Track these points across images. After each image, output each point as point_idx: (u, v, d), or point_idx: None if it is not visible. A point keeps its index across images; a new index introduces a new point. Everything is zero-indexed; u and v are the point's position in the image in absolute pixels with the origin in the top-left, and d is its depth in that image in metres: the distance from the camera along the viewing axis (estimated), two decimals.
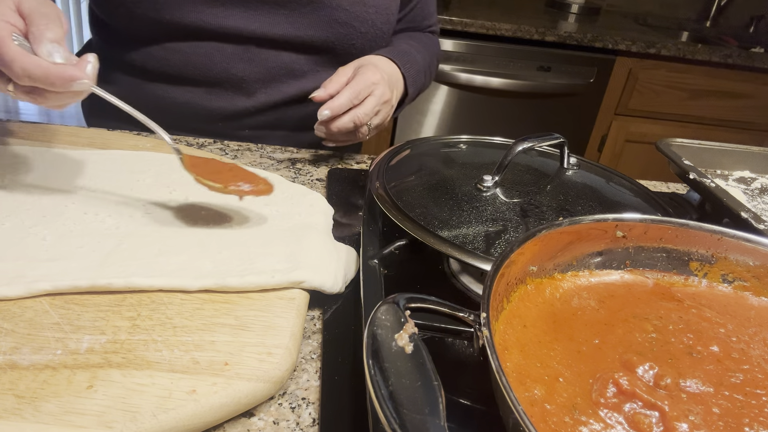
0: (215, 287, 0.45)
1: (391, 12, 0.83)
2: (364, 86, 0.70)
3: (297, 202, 0.59)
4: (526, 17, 2.00)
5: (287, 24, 0.77)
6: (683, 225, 0.44)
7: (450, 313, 0.35)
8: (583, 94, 1.96)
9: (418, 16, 0.95)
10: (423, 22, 0.97)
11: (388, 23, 0.83)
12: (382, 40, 0.85)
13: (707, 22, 2.41)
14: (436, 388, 0.29)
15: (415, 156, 0.67)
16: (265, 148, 0.79)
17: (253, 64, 0.79)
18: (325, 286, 0.48)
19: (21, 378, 0.36)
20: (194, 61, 0.77)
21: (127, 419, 0.34)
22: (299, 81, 0.82)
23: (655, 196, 0.62)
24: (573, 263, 0.44)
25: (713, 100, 2.00)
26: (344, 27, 0.79)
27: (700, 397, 0.34)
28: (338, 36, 0.80)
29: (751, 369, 0.36)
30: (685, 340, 0.38)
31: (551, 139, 0.63)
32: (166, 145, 0.68)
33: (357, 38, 0.81)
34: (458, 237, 0.50)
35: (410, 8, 0.93)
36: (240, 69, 0.78)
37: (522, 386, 0.33)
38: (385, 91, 0.73)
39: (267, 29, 0.77)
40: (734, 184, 0.76)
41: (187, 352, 0.39)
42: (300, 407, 0.41)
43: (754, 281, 0.44)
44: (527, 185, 0.60)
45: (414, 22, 0.95)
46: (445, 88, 1.94)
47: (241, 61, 0.78)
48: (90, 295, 0.44)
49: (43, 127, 0.69)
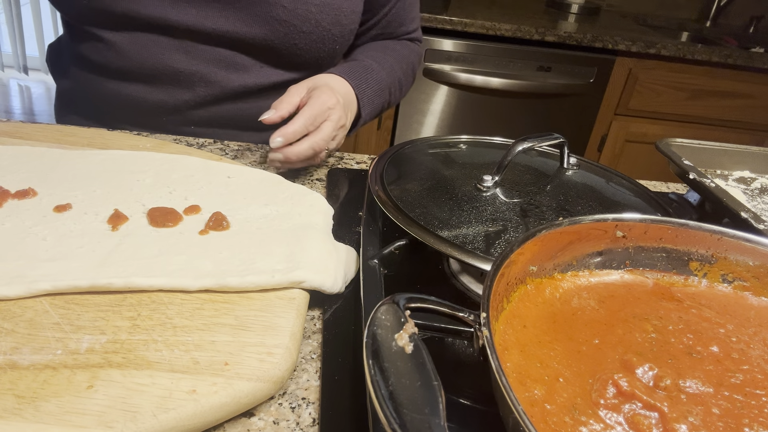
0: (215, 287, 0.45)
1: (343, 13, 0.78)
2: (320, 111, 0.66)
3: (297, 202, 0.59)
4: (526, 17, 2.00)
5: (220, 18, 0.74)
6: (683, 225, 0.44)
7: (450, 313, 0.35)
8: (583, 94, 1.96)
9: (393, 23, 0.90)
10: (399, 29, 0.92)
11: (339, 24, 0.79)
12: (333, 42, 0.80)
13: (707, 22, 2.41)
14: (436, 388, 0.29)
15: (414, 156, 0.67)
16: (265, 148, 0.79)
17: (190, 56, 0.76)
18: (325, 285, 0.48)
19: (21, 378, 0.36)
20: (130, 52, 0.75)
21: (127, 419, 0.34)
22: (241, 75, 0.79)
23: (655, 197, 0.62)
24: (573, 263, 0.44)
25: (713, 100, 2.00)
26: (283, 25, 0.75)
27: (700, 397, 0.34)
28: (278, 34, 0.76)
29: (751, 369, 0.36)
30: (685, 340, 0.38)
31: (551, 139, 0.63)
32: (166, 145, 0.68)
33: (299, 38, 0.77)
34: (458, 237, 0.50)
35: (383, 14, 0.88)
36: (176, 60, 0.76)
37: (522, 386, 0.33)
38: (342, 115, 0.70)
39: (199, 22, 0.74)
40: (734, 184, 0.76)
41: (187, 352, 0.39)
42: (300, 407, 0.41)
43: (754, 281, 0.44)
44: (527, 185, 0.61)
45: (389, 28, 0.91)
46: (445, 88, 1.94)
47: (178, 52, 0.76)
48: (90, 295, 0.44)
49: (43, 127, 0.69)
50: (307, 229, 0.54)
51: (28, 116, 3.18)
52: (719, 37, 2.19)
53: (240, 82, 0.79)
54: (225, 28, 0.75)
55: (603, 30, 1.94)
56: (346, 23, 0.80)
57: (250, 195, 0.59)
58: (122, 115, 0.80)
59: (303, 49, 0.78)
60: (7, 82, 3.50)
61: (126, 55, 0.76)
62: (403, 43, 0.94)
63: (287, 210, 0.58)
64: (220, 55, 0.77)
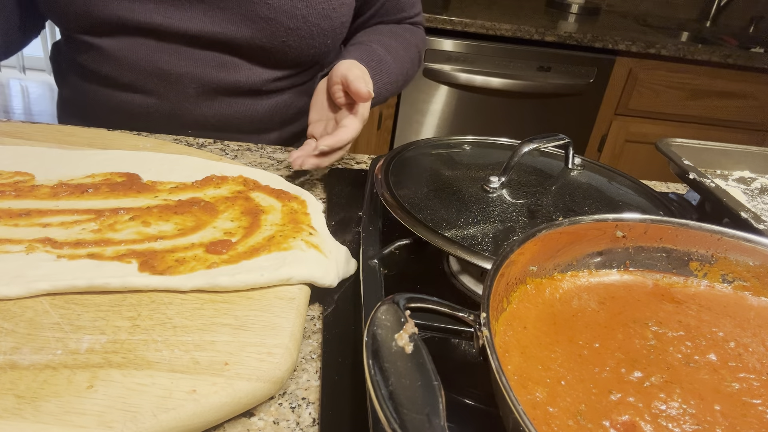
0: (207, 287, 0.45)
1: (331, 6, 0.76)
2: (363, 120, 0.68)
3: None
4: (526, 17, 2.00)
5: (206, 19, 0.73)
6: (683, 225, 0.44)
7: (450, 313, 0.35)
8: (583, 94, 1.96)
9: (392, 9, 0.88)
10: (398, 14, 0.90)
11: (327, 18, 0.76)
12: (324, 37, 0.78)
13: (707, 22, 2.41)
14: (436, 388, 0.29)
15: (419, 157, 0.67)
16: (265, 148, 0.79)
17: (180, 59, 0.75)
18: (314, 277, 0.47)
19: (21, 378, 0.36)
20: (120, 58, 0.75)
21: (127, 419, 0.34)
22: (232, 76, 0.78)
23: (659, 197, 0.62)
24: (573, 263, 0.44)
25: (713, 100, 2.00)
26: (269, 23, 0.73)
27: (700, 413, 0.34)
28: (265, 33, 0.74)
29: (747, 378, 0.36)
30: (683, 348, 0.38)
31: (556, 139, 0.63)
32: (166, 145, 0.68)
33: (287, 35, 0.74)
34: (467, 239, 0.49)
35: (381, 3, 0.86)
36: (166, 63, 0.75)
37: (524, 389, 0.33)
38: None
39: (185, 25, 0.73)
40: (734, 184, 0.76)
41: (187, 352, 0.39)
42: (300, 407, 0.41)
43: (754, 281, 0.44)
44: (533, 186, 0.61)
45: (388, 15, 0.88)
46: (445, 88, 1.94)
47: (167, 55, 0.75)
48: (90, 295, 0.44)
49: (43, 127, 0.69)
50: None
51: (28, 116, 3.18)
52: (719, 37, 2.19)
53: (232, 82, 0.78)
54: (212, 30, 0.73)
55: (603, 30, 1.94)
56: (336, 16, 0.78)
57: None
58: (119, 121, 0.79)
59: (292, 47, 0.76)
60: (7, 82, 3.51)
61: (116, 61, 0.75)
62: (408, 27, 0.91)
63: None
64: (210, 57, 0.76)
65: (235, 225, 0.53)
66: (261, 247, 0.50)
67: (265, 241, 0.51)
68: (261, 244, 0.50)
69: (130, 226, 0.51)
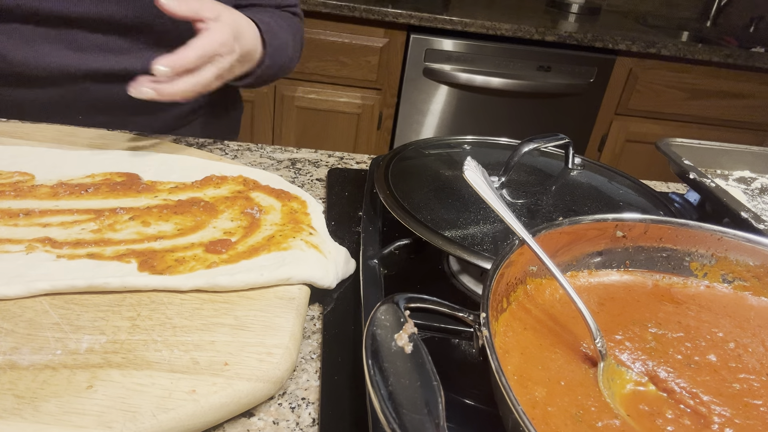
0: (207, 287, 0.45)
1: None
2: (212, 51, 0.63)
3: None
4: (526, 17, 2.00)
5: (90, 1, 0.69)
6: (683, 225, 0.44)
7: (450, 313, 0.35)
8: (583, 94, 1.96)
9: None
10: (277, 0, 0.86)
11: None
12: None
13: (707, 22, 2.41)
14: (436, 388, 0.29)
15: (418, 157, 0.67)
16: (265, 148, 0.79)
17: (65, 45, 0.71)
18: (314, 278, 0.47)
19: (21, 378, 0.36)
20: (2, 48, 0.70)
21: (127, 419, 0.34)
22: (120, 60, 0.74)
23: (659, 196, 0.62)
24: (573, 263, 0.44)
25: (713, 100, 2.01)
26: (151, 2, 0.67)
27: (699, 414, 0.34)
28: (151, 13, 0.70)
29: (747, 378, 0.36)
30: (683, 349, 0.38)
31: (556, 139, 0.63)
32: (165, 145, 0.68)
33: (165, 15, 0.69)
34: (467, 238, 0.49)
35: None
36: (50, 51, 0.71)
37: (523, 389, 0.33)
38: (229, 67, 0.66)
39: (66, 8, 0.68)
40: (734, 184, 0.76)
41: (187, 352, 0.39)
42: (300, 407, 0.41)
43: (754, 281, 0.44)
44: (533, 186, 0.60)
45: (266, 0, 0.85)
46: (445, 88, 1.94)
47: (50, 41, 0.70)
48: (90, 295, 0.44)
49: (43, 127, 0.69)
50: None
51: None
52: (719, 37, 2.19)
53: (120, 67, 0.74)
54: (95, 11, 0.70)
55: (603, 30, 1.94)
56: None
57: None
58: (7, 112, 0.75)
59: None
60: None
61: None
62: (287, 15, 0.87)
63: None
64: (97, 41, 0.72)
65: (235, 225, 0.53)
66: (261, 246, 0.50)
67: (264, 241, 0.51)
68: (261, 244, 0.50)
69: (129, 226, 0.51)
